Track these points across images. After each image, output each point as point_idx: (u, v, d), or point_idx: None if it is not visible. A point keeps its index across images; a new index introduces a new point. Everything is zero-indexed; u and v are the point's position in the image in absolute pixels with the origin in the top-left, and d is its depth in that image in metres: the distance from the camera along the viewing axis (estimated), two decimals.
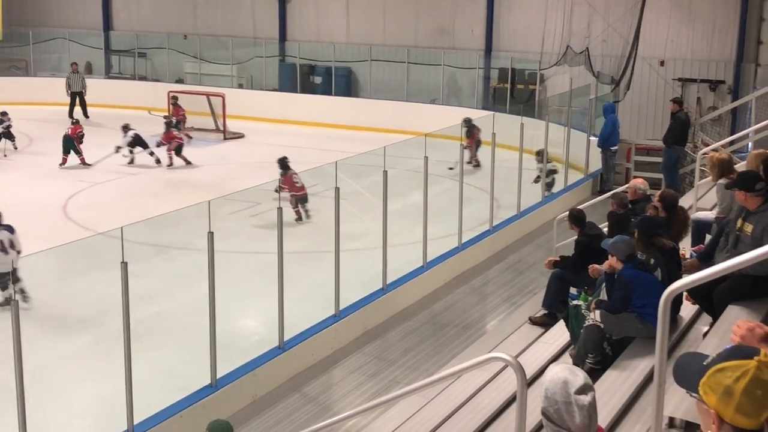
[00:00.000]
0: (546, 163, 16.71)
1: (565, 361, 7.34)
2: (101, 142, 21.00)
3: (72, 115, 24.83)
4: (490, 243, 14.37)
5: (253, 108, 25.65)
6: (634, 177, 14.96)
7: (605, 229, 9.24)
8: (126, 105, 25.81)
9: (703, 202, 10.86)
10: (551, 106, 20.30)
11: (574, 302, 7.70)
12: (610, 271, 7.19)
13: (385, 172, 11.51)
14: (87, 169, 19.99)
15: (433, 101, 25.25)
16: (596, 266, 8.10)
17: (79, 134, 20.23)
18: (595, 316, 7.10)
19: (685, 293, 6.61)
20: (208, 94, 24.62)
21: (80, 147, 20.10)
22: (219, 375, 9.07)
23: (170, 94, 24.39)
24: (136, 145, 20.42)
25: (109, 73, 30.28)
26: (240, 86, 28.02)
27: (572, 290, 9.19)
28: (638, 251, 7.22)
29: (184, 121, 23.41)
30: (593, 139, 18.91)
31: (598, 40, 22.29)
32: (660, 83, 22.40)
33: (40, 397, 7.51)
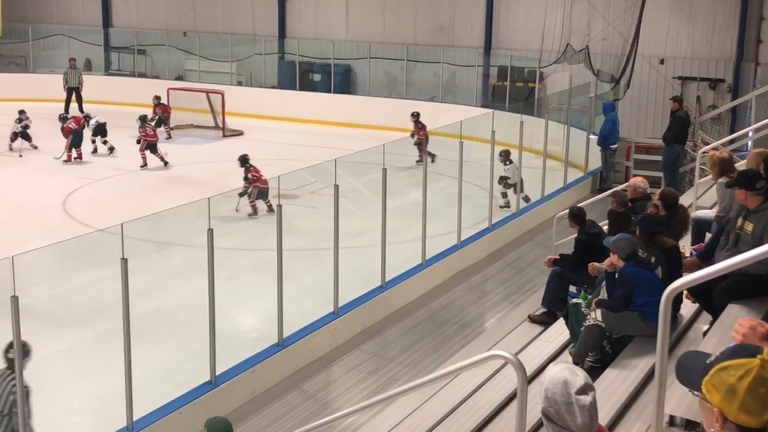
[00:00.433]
0: (510, 165, 15.72)
1: (565, 360, 7.34)
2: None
3: (67, 110, 24.68)
4: (489, 241, 14.35)
5: (253, 105, 25.62)
6: (634, 175, 14.99)
7: (605, 228, 9.24)
8: (125, 102, 25.76)
9: (702, 200, 10.85)
10: (551, 104, 20.31)
11: (574, 300, 7.70)
12: (611, 269, 7.18)
13: (385, 170, 11.51)
14: (86, 165, 19.96)
15: (432, 99, 25.23)
16: (596, 264, 8.08)
17: (82, 125, 20.29)
18: (596, 316, 7.09)
19: (685, 291, 6.61)
20: (207, 92, 24.59)
21: (69, 142, 19.93)
22: (218, 372, 9.08)
23: (169, 90, 24.36)
24: (98, 134, 20.59)
25: (108, 70, 30.28)
26: (239, 83, 28.01)
27: (572, 288, 9.17)
28: (639, 249, 7.21)
29: (168, 118, 23.24)
30: (593, 137, 18.90)
31: (597, 38, 22.26)
32: (660, 81, 22.40)
33: (38, 393, 7.51)
